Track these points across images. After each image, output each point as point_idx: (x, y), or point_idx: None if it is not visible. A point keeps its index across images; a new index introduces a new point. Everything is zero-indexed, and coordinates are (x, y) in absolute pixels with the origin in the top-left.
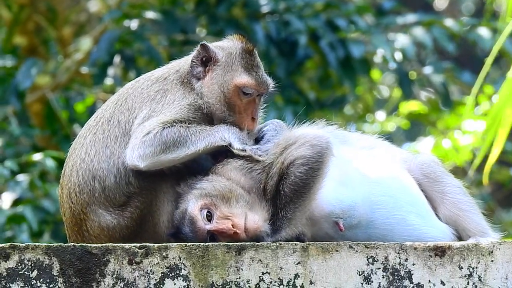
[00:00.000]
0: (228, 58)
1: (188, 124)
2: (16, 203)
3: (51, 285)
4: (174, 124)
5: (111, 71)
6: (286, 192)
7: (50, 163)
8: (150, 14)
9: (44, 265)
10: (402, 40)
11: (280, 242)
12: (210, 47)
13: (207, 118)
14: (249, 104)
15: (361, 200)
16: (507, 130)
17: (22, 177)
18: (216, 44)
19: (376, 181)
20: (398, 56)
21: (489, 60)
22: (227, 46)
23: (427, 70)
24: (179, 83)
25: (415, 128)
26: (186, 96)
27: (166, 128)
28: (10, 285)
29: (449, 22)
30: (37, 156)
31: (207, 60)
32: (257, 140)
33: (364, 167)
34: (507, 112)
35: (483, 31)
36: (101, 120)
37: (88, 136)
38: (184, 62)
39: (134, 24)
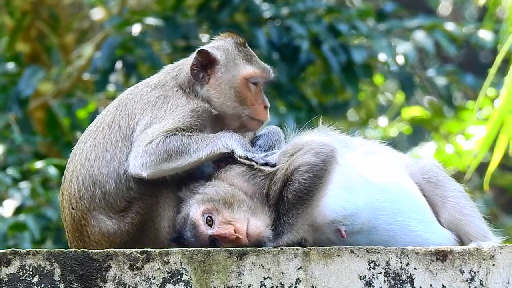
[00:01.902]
0: (227, 55)
1: (191, 132)
2: (18, 210)
3: None
4: (177, 132)
5: (113, 77)
6: (289, 198)
7: (52, 170)
8: (152, 20)
9: (45, 270)
10: (404, 45)
11: (282, 247)
12: (208, 51)
13: (212, 122)
14: (257, 94)
15: (364, 206)
16: (509, 136)
17: (24, 185)
18: (211, 46)
19: (379, 186)
20: (401, 60)
21: (492, 70)
22: (221, 44)
23: (430, 73)
24: (180, 89)
25: (418, 133)
26: (190, 102)
27: (169, 137)
28: None
29: (450, 26)
30: (39, 164)
31: (207, 64)
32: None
33: (367, 172)
34: (509, 119)
35: (484, 34)
36: (102, 125)
37: (88, 141)
38: (180, 68)
39: (135, 30)
